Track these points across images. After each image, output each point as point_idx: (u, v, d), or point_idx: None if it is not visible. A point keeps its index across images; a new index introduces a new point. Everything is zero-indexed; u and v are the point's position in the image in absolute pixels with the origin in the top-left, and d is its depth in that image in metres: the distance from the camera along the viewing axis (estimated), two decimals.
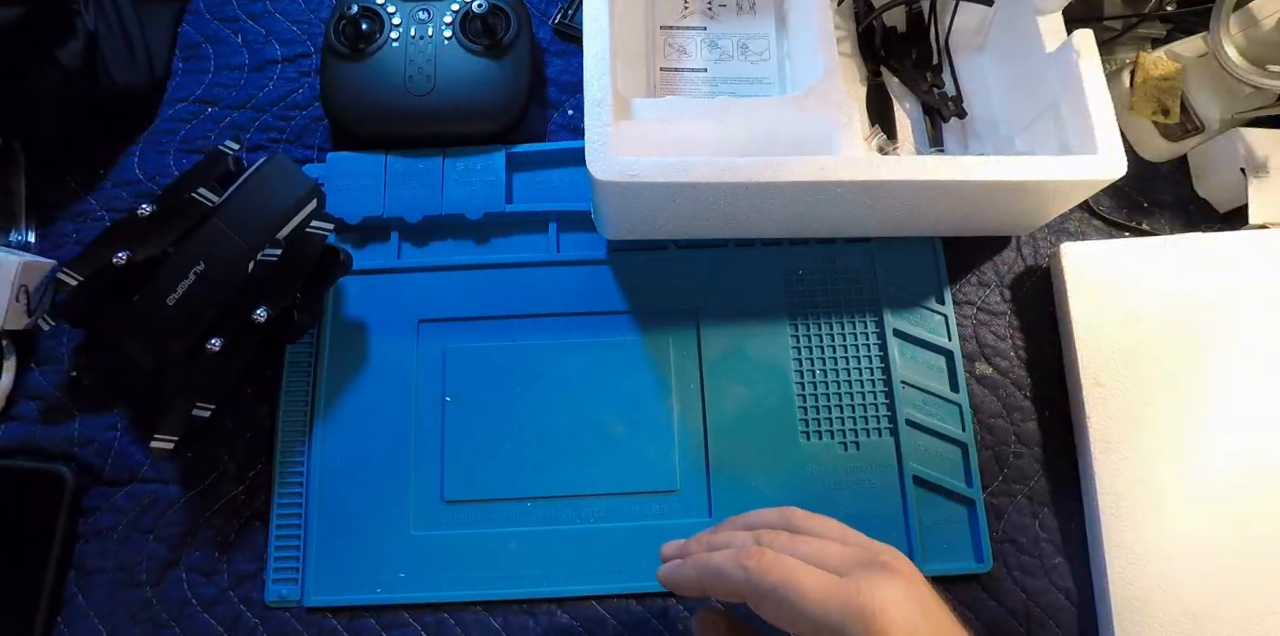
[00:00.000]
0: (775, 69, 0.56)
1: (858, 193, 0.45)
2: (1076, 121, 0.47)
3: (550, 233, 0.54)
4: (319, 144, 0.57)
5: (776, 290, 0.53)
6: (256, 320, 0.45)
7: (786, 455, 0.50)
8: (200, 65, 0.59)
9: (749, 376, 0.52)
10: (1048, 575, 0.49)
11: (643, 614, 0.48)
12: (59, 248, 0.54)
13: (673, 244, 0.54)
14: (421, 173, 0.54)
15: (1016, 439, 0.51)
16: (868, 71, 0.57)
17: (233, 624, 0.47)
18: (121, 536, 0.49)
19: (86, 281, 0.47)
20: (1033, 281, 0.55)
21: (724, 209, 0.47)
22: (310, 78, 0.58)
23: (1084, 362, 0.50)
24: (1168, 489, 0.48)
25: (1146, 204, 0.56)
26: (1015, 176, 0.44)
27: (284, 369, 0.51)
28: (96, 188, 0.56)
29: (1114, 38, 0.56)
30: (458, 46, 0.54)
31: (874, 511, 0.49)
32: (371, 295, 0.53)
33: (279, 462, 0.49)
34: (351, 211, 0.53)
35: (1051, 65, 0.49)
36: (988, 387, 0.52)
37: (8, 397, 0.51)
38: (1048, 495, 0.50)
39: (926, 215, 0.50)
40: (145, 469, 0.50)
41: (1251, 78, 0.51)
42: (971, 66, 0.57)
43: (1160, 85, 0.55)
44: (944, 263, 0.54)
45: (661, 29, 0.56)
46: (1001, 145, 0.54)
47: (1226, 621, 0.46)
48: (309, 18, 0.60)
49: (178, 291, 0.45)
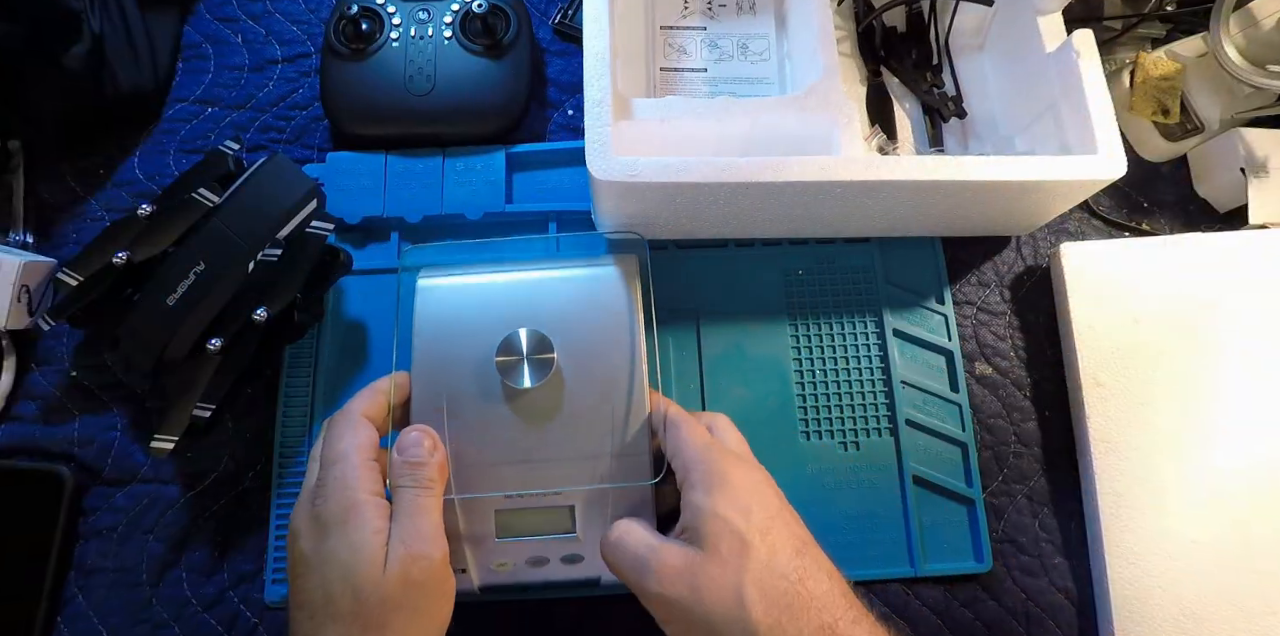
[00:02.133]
0: (775, 69, 0.56)
1: (858, 193, 0.45)
2: (1076, 121, 0.47)
3: (550, 232, 0.54)
4: (319, 144, 0.57)
5: (776, 290, 0.53)
6: (256, 320, 0.45)
7: (786, 455, 0.50)
8: (200, 65, 0.59)
9: (749, 376, 0.52)
10: (1048, 575, 0.49)
11: (644, 614, 0.48)
12: (59, 248, 0.54)
13: (673, 244, 0.54)
14: (421, 173, 0.54)
15: (1016, 439, 0.51)
16: (868, 71, 0.57)
17: (233, 624, 0.47)
18: (121, 536, 0.49)
19: (86, 281, 0.47)
20: (1033, 281, 0.55)
21: (724, 209, 0.47)
22: (310, 78, 0.58)
23: (1084, 362, 0.50)
24: (1168, 489, 0.48)
25: (1146, 204, 0.56)
26: (1015, 176, 0.44)
27: (284, 369, 0.51)
28: (96, 188, 0.56)
29: (1114, 38, 0.57)
30: (458, 46, 0.54)
31: (874, 511, 0.49)
32: (371, 295, 0.53)
33: (279, 462, 0.49)
34: (351, 211, 0.53)
35: (1051, 65, 0.49)
36: (988, 387, 0.52)
37: (8, 397, 0.51)
38: (1048, 495, 0.50)
39: (926, 215, 0.50)
40: (145, 469, 0.50)
41: (1251, 78, 0.51)
42: (971, 66, 0.57)
43: (1160, 85, 0.55)
44: (944, 263, 0.54)
45: (661, 29, 0.56)
46: (1001, 145, 0.54)
47: (1226, 621, 0.46)
48: (309, 18, 0.60)
49: (178, 291, 0.45)
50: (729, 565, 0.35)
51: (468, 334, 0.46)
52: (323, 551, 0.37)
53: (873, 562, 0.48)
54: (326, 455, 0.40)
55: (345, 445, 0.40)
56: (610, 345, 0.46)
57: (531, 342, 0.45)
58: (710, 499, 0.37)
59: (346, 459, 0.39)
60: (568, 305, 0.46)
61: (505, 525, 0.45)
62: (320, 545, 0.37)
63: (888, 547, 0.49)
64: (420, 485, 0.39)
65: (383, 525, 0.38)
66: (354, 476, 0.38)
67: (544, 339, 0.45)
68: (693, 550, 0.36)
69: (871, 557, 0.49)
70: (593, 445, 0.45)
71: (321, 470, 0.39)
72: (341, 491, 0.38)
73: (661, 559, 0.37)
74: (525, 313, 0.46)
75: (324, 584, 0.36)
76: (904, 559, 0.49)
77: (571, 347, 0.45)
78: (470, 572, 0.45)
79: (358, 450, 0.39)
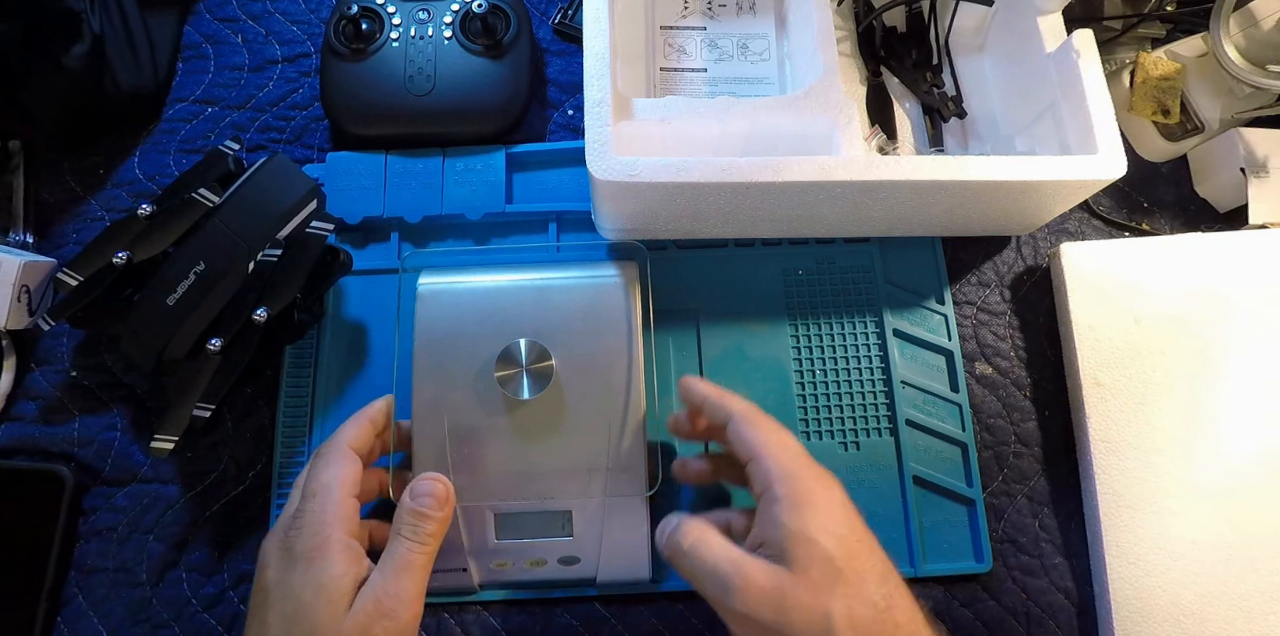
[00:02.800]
0: (775, 69, 0.56)
1: (858, 192, 0.45)
2: (1076, 121, 0.47)
3: (550, 233, 0.54)
4: (319, 144, 0.57)
5: (776, 290, 0.53)
6: (256, 320, 0.45)
7: None
8: (200, 65, 0.59)
9: (749, 376, 0.52)
10: (1048, 575, 0.49)
11: (645, 614, 0.48)
12: (59, 248, 0.54)
13: (673, 244, 0.54)
14: (421, 173, 0.54)
15: (1016, 439, 0.51)
16: (867, 71, 0.57)
17: (233, 624, 0.47)
18: (121, 536, 0.49)
19: (86, 281, 0.47)
20: (1033, 281, 0.55)
21: (724, 209, 0.47)
22: (310, 78, 0.58)
23: (1084, 362, 0.50)
24: (1168, 489, 0.48)
25: (1146, 204, 0.57)
26: (1016, 177, 0.44)
27: (284, 369, 0.51)
28: (96, 188, 0.56)
29: (1114, 38, 0.56)
30: (458, 46, 0.54)
31: (874, 511, 0.49)
32: (371, 295, 0.53)
33: (279, 462, 0.49)
34: (351, 211, 0.53)
35: (1051, 65, 0.49)
36: (988, 387, 0.52)
37: (8, 397, 0.51)
38: (1048, 495, 0.50)
39: (926, 215, 0.50)
40: (145, 469, 0.50)
41: (1251, 78, 0.51)
42: (971, 67, 0.57)
43: (1160, 85, 0.55)
44: (944, 263, 0.54)
45: (661, 29, 0.56)
46: (1001, 145, 0.54)
47: (1227, 621, 0.46)
48: (309, 18, 0.60)
49: (178, 291, 0.45)
50: (820, 590, 0.34)
51: (468, 343, 0.46)
52: (287, 585, 0.37)
53: None
54: (308, 486, 0.40)
55: (328, 477, 0.39)
56: (609, 355, 0.46)
57: (531, 354, 0.45)
58: (800, 518, 0.36)
59: (327, 493, 0.39)
60: (567, 314, 0.47)
61: (504, 527, 0.45)
62: (286, 577, 0.37)
63: (888, 547, 0.48)
64: (418, 539, 0.39)
65: (348, 568, 0.37)
66: (331, 512, 0.38)
67: (543, 350, 0.45)
68: (780, 569, 0.35)
69: None
70: (590, 457, 0.45)
71: (301, 501, 0.39)
72: (317, 526, 0.38)
73: (747, 576, 0.35)
74: (524, 322, 0.46)
75: (283, 620, 0.36)
76: (904, 559, 0.49)
77: (570, 358, 0.45)
78: (470, 571, 0.45)
79: (340, 484, 0.39)
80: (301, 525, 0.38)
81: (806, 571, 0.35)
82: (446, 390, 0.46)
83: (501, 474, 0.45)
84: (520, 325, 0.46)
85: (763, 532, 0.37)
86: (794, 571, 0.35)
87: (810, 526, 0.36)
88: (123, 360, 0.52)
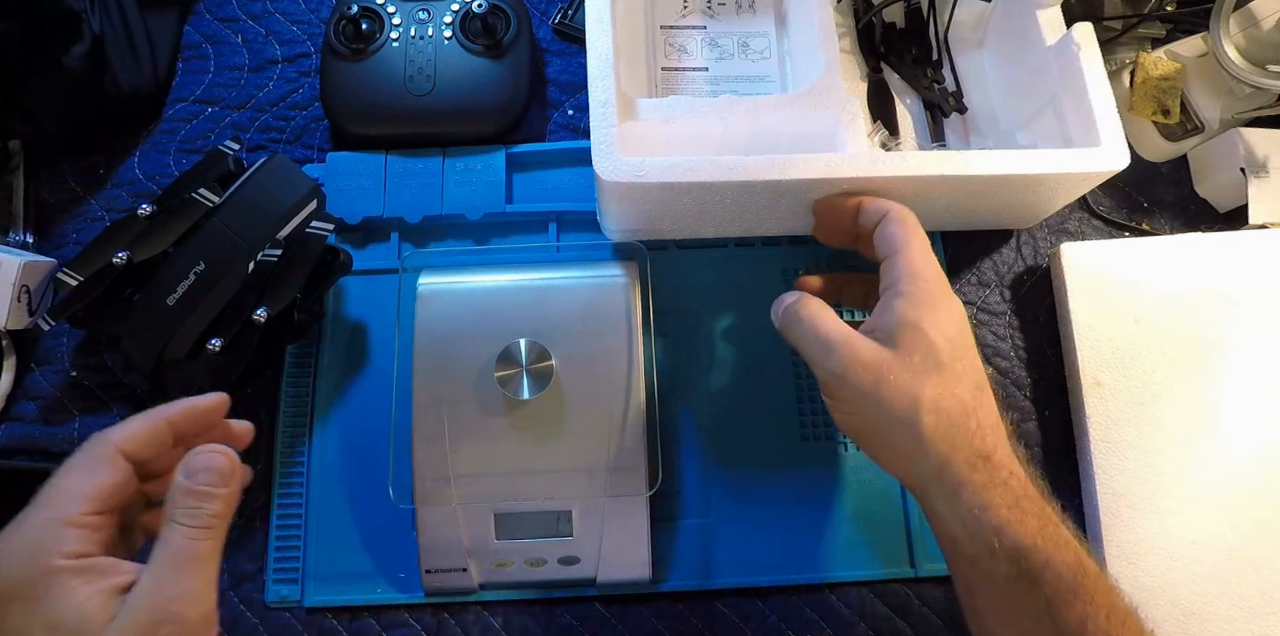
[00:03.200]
0: (776, 67, 0.56)
1: (862, 189, 0.45)
2: (1078, 114, 0.47)
3: (550, 233, 0.54)
4: (319, 144, 0.57)
5: (776, 290, 0.53)
6: (256, 320, 0.45)
7: (786, 455, 0.50)
8: (200, 65, 0.59)
9: (749, 376, 0.52)
10: None
11: (645, 614, 0.48)
12: (59, 248, 0.54)
13: (673, 244, 0.54)
14: (421, 173, 0.54)
15: (1016, 439, 0.51)
16: (868, 68, 0.57)
17: (233, 624, 0.47)
18: None
19: (86, 281, 0.47)
20: (1033, 281, 0.55)
21: (730, 207, 0.47)
22: (310, 78, 0.58)
23: (1084, 362, 0.50)
24: (1168, 489, 0.48)
25: (1146, 204, 0.56)
26: (1021, 170, 0.44)
27: (284, 369, 0.51)
28: (96, 188, 0.56)
29: (1114, 38, 0.56)
30: (458, 46, 0.54)
31: (874, 511, 0.49)
32: (371, 295, 0.53)
33: (279, 462, 0.49)
34: (351, 211, 0.53)
35: (1052, 59, 0.49)
36: None
37: (8, 397, 0.51)
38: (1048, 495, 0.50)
39: (928, 210, 0.50)
40: None
41: (1251, 78, 0.51)
42: (971, 62, 0.57)
43: (1160, 85, 0.55)
44: (944, 262, 0.54)
45: (662, 28, 0.56)
46: (1003, 140, 0.54)
47: (1226, 621, 0.46)
48: (309, 18, 0.60)
49: (178, 291, 0.45)
50: (918, 375, 0.36)
51: (468, 343, 0.46)
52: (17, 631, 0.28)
53: (873, 563, 0.48)
54: (40, 493, 0.31)
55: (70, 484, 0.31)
56: (609, 355, 0.46)
57: (531, 354, 0.45)
58: (916, 312, 0.38)
59: (61, 506, 0.30)
60: (567, 314, 0.47)
61: (504, 527, 0.45)
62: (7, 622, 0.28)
63: (888, 547, 0.49)
64: (200, 523, 0.31)
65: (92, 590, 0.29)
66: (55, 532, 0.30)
67: (543, 350, 0.45)
68: (885, 349, 0.37)
69: (871, 558, 0.49)
70: (590, 457, 0.45)
71: (26, 508, 0.31)
72: (33, 548, 0.29)
73: (853, 348, 0.38)
74: (524, 322, 0.46)
75: None
76: (904, 559, 0.49)
77: (570, 358, 0.45)
78: (470, 571, 0.45)
79: (84, 498, 0.30)
80: (12, 546, 0.29)
81: (910, 356, 0.37)
82: (446, 390, 0.46)
83: (501, 474, 0.45)
84: (520, 325, 0.46)
85: (877, 321, 0.39)
86: (898, 353, 0.37)
87: (925, 320, 0.37)
88: (123, 360, 0.52)
